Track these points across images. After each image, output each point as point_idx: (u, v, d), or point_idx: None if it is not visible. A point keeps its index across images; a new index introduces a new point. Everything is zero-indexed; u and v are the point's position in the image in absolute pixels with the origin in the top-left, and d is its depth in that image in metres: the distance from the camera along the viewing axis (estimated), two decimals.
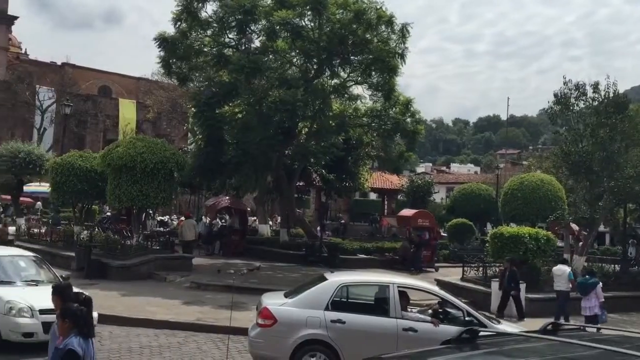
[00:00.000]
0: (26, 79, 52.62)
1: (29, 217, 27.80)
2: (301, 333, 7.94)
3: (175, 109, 47.43)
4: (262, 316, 8.16)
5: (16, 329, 9.10)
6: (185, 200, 42.31)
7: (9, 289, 9.75)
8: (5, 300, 9.24)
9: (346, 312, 8.16)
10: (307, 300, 8.25)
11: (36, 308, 9.20)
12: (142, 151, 18.18)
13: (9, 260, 10.81)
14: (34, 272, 10.76)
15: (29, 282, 10.33)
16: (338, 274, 9.80)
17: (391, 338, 7.81)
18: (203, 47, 22.91)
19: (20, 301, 9.27)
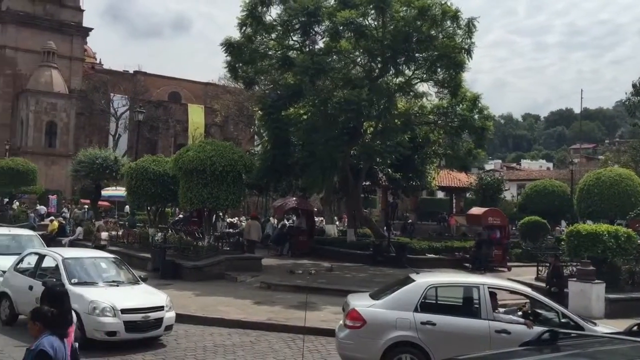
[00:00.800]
0: (101, 88, 55.07)
1: (106, 220, 28.98)
2: (391, 335, 7.93)
3: (241, 112, 48.38)
4: (351, 318, 8.17)
5: (100, 328, 9.42)
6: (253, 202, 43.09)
7: (92, 289, 10.10)
8: (89, 300, 9.57)
9: (436, 313, 8.10)
10: (395, 302, 8.22)
11: (118, 308, 9.53)
12: (211, 154, 18.60)
13: (91, 262, 11.23)
14: (114, 273, 11.14)
15: (110, 282, 10.68)
16: (424, 275, 9.78)
17: (484, 340, 7.66)
18: (268, 50, 23.22)
19: (103, 301, 9.58)
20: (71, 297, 8.80)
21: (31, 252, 12.31)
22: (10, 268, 11.76)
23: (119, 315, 9.49)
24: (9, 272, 11.70)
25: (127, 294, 10.24)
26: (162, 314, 10.02)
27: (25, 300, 10.64)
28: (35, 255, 11.70)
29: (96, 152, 29.39)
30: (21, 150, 48.94)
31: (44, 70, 52.11)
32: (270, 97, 22.84)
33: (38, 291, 9.79)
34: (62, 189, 47.78)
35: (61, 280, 9.90)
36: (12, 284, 11.32)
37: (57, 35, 54.98)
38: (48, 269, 11.08)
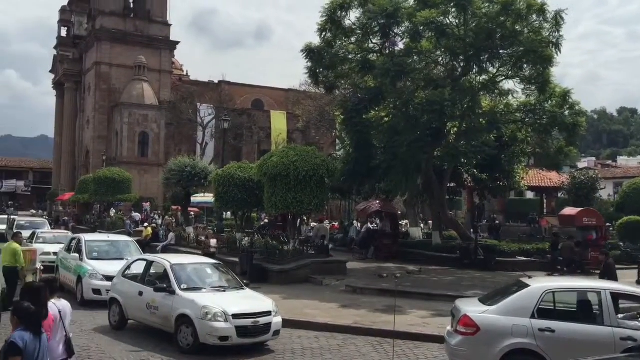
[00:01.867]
0: (188, 99, 57.23)
1: (196, 226, 30.02)
2: (507, 342, 7.68)
3: (323, 117, 48.75)
4: (464, 324, 7.99)
5: (213, 333, 9.54)
6: (336, 206, 43.29)
7: (201, 294, 10.23)
8: (201, 306, 9.68)
9: (554, 320, 7.78)
10: (510, 308, 7.95)
11: (229, 313, 9.63)
12: (294, 160, 18.85)
13: (197, 268, 11.37)
14: (219, 278, 11.28)
15: (217, 288, 10.79)
16: (539, 279, 9.49)
17: (608, 348, 7.26)
18: (348, 54, 23.27)
19: (214, 306, 9.70)
20: (182, 302, 9.95)
21: (138, 258, 12.64)
22: (118, 274, 12.11)
23: (230, 320, 9.59)
24: (117, 279, 12.03)
25: (235, 299, 10.34)
26: (270, 319, 10.05)
27: (136, 306, 11.01)
28: (143, 262, 11.96)
29: (185, 160, 30.55)
30: (117, 160, 51.73)
31: (135, 83, 54.88)
32: (351, 101, 22.87)
33: (148, 297, 10.59)
34: (154, 196, 50.06)
35: (171, 286, 10.27)
36: (121, 290, 11.59)
37: (147, 50, 57.76)
38: (156, 275, 11.36)
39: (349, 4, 21.84)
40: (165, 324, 10.34)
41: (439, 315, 12.97)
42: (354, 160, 22.76)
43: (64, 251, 16.57)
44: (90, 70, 60.28)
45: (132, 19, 59.73)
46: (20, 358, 4.83)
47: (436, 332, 11.31)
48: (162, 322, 10.43)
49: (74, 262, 15.17)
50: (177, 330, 9.92)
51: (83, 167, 60.44)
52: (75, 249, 15.75)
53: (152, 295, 10.56)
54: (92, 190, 39.10)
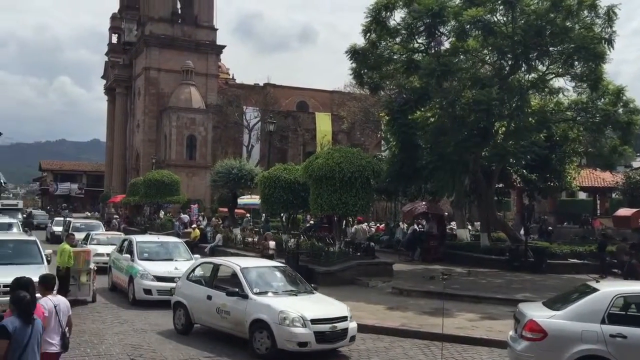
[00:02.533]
0: (234, 102, 58.04)
1: (243, 227, 30.37)
2: (577, 348, 7.50)
3: (368, 118, 48.64)
4: (530, 329, 7.82)
5: (292, 339, 9.26)
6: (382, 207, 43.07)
7: (276, 299, 9.96)
8: (279, 310, 9.42)
9: (626, 325, 7.54)
10: (578, 313, 7.74)
11: (307, 318, 9.36)
12: (339, 161, 18.84)
13: (266, 271, 11.15)
14: (289, 282, 10.98)
15: (289, 291, 10.51)
16: (608, 283, 9.26)
17: None
18: (392, 54, 23.12)
19: (292, 311, 9.42)
20: (257, 307, 9.80)
21: (204, 261, 12.43)
22: (182, 277, 11.97)
23: (309, 325, 9.32)
24: (181, 282, 11.82)
25: (310, 304, 10.05)
26: (347, 324, 9.79)
27: (204, 310, 10.81)
28: (209, 265, 11.75)
29: (232, 162, 30.96)
30: (165, 163, 52.87)
31: (183, 88, 55.98)
32: (396, 102, 22.72)
33: (218, 301, 10.42)
34: (202, 198, 50.89)
35: (243, 290, 10.04)
36: (187, 294, 11.33)
37: (194, 54, 58.85)
38: (225, 279, 11.16)
39: (393, 4, 21.68)
40: (237, 329, 10.13)
41: (487, 318, 12.77)
42: (399, 161, 22.60)
43: (116, 252, 16.90)
44: (139, 76, 61.83)
45: (179, 24, 60.96)
46: (8, 342, 5.30)
47: (484, 335, 11.15)
48: (233, 327, 10.23)
49: (125, 262, 15.43)
50: (252, 335, 9.69)
51: (133, 170, 62.03)
52: (126, 250, 16.04)
53: (223, 300, 10.33)
54: (142, 192, 40.08)
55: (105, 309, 13.81)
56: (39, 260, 12.19)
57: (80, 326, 11.78)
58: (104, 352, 9.94)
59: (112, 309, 13.92)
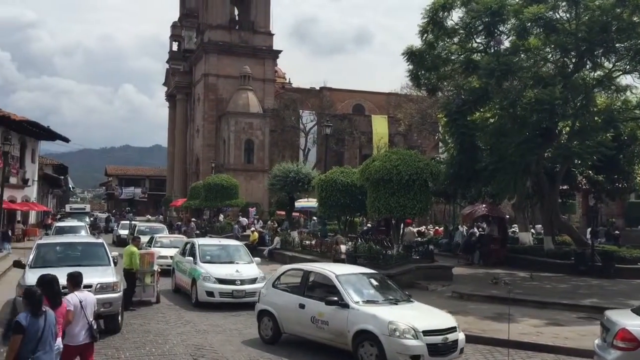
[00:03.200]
0: (291, 106, 58.48)
1: (300, 230, 30.57)
2: None
3: (425, 120, 48.05)
4: (622, 338, 7.50)
5: (404, 352, 8.67)
6: (440, 210, 42.46)
7: (379, 308, 9.42)
8: (387, 321, 8.87)
9: None
10: None
11: (419, 329, 8.78)
12: (397, 164, 18.70)
13: (360, 278, 10.55)
14: (384, 289, 10.40)
15: (389, 300, 9.92)
16: None
17: None
18: (450, 55, 22.77)
19: (401, 322, 8.85)
20: (360, 316, 9.21)
21: (292, 268, 11.90)
22: (267, 285, 11.55)
23: (420, 337, 8.71)
24: (266, 289, 11.36)
25: (416, 314, 9.49)
26: (457, 335, 9.21)
27: (295, 319, 10.36)
28: (298, 272, 11.20)
29: (289, 166, 31.20)
30: (224, 167, 53.84)
31: (241, 93, 56.91)
32: (454, 103, 22.34)
33: (313, 310, 9.90)
34: (259, 201, 51.56)
35: (342, 299, 9.51)
36: (275, 302, 10.85)
37: (251, 59, 59.76)
38: (317, 286, 10.59)
39: (451, 4, 21.37)
40: (337, 340, 9.59)
41: (552, 324, 12.38)
42: (458, 163, 22.21)
43: (179, 255, 17.18)
44: (199, 82, 63.27)
45: (237, 30, 62.05)
46: (22, 336, 5.63)
47: (550, 342, 10.81)
48: (332, 338, 9.66)
49: (188, 265, 15.69)
50: (357, 347, 9.14)
51: (194, 174, 63.48)
52: (189, 252, 16.27)
53: (319, 309, 9.79)
54: (203, 196, 40.95)
55: (168, 310, 14.17)
56: (106, 262, 12.59)
57: (145, 326, 12.14)
58: (168, 351, 10.19)
59: (175, 310, 14.27)
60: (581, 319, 12.92)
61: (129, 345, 10.46)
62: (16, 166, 34.62)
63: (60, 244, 13.89)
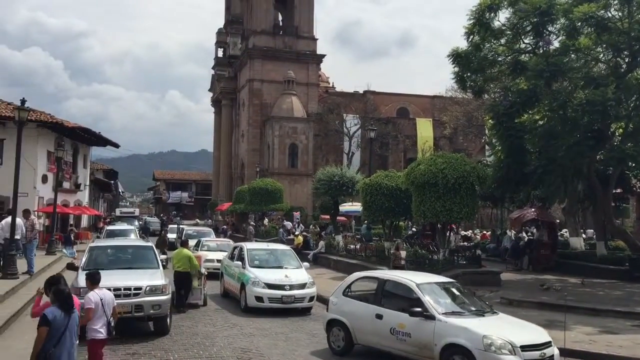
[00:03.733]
0: (335, 110, 58.65)
1: (345, 235, 30.52)
2: None
3: (470, 123, 47.44)
4: None
5: None
6: (487, 214, 41.75)
7: (468, 320, 8.85)
8: (482, 335, 8.25)
9: None
10: None
11: (516, 344, 8.17)
12: (442, 167, 18.47)
13: (442, 288, 9.91)
14: (466, 300, 9.82)
15: (475, 312, 9.29)
16: None
17: None
18: (497, 56, 22.40)
19: (496, 336, 8.24)
20: (449, 329, 8.62)
21: (365, 276, 11.27)
22: (337, 293, 10.87)
23: (519, 353, 8.14)
24: (336, 297, 10.74)
25: (508, 326, 8.93)
26: (553, 350, 8.66)
27: (371, 330, 9.78)
28: (373, 280, 10.59)
29: (333, 170, 31.19)
30: (269, 172, 54.32)
31: (285, 97, 57.36)
32: (502, 105, 21.93)
33: (392, 321, 9.33)
34: (304, 205, 51.78)
35: (427, 310, 8.92)
36: (347, 311, 10.31)
37: (295, 64, 60.20)
38: (394, 295, 9.91)
39: (497, 4, 21.03)
40: (419, 353, 9.05)
41: (606, 332, 11.99)
42: (505, 166, 21.78)
43: (228, 259, 17.11)
44: (244, 87, 64.08)
45: (281, 36, 62.67)
46: (48, 329, 6.10)
47: (603, 350, 10.46)
48: (415, 351, 9.11)
49: (237, 269, 15.56)
50: None
51: (239, 179, 64.28)
52: (237, 257, 16.15)
53: (400, 319, 9.25)
54: (247, 200, 41.38)
55: (215, 313, 14.33)
56: (155, 265, 12.84)
57: (192, 328, 12.32)
58: (215, 354, 10.30)
59: (222, 313, 14.42)
60: (636, 327, 12.47)
61: (177, 347, 10.62)
62: (69, 171, 35.73)
63: (112, 247, 14.27)
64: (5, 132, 28.62)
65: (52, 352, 6.15)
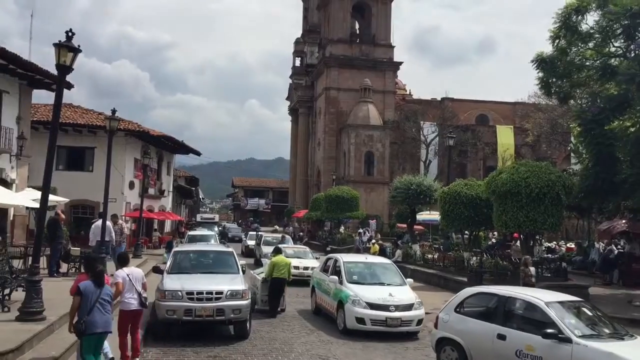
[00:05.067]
0: (412, 117, 58.09)
1: (422, 244, 30.09)
2: None
3: (555, 130, 45.59)
4: None
5: None
6: (572, 225, 39.94)
7: (611, 344, 7.91)
8: None
9: None
10: None
11: None
12: (526, 176, 17.86)
13: (571, 307, 8.96)
14: (598, 320, 8.85)
15: (612, 335, 8.38)
16: None
17: None
18: (585, 61, 21.46)
19: None
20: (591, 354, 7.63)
21: (480, 291, 10.22)
22: (447, 309, 10.01)
23: None
24: (447, 314, 9.92)
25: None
26: None
27: (491, 351, 8.85)
28: (490, 296, 9.60)
29: (411, 178, 30.87)
30: (345, 179, 54.44)
31: (361, 105, 57.37)
32: (590, 111, 20.96)
33: (515, 342, 8.47)
34: (380, 213, 51.49)
35: (561, 332, 7.99)
36: (462, 330, 9.48)
37: (371, 72, 60.18)
38: (518, 314, 9.00)
39: (585, 7, 20.15)
40: None
41: None
42: (593, 175, 20.75)
43: (320, 272, 15.67)
44: (320, 95, 64.68)
45: (357, 44, 62.88)
46: (80, 298, 7.36)
47: None
48: None
49: (332, 285, 13.95)
50: None
51: (315, 186, 64.82)
52: (332, 270, 14.54)
53: (527, 341, 8.33)
54: (324, 207, 41.65)
55: (293, 319, 14.44)
56: (235, 270, 13.11)
57: (271, 334, 12.48)
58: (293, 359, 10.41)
59: (300, 319, 14.50)
60: None
61: (256, 352, 10.79)
62: (154, 178, 37.28)
63: (195, 251, 14.70)
64: (96, 140, 30.26)
65: (86, 320, 7.27)
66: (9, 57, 18.52)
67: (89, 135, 30.55)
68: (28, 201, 17.44)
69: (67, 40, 10.60)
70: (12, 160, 21.73)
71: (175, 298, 11.25)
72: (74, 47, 10.65)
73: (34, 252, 11.14)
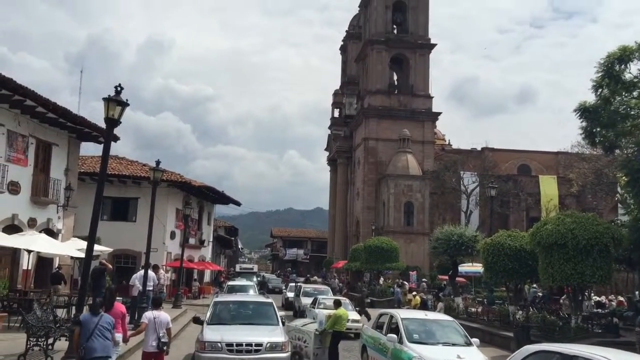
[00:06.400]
0: (451, 167, 57.64)
1: (464, 297, 29.34)
2: None
3: (600, 180, 44.51)
4: None
5: None
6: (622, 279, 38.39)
7: None
8: None
9: None
10: None
11: None
12: (572, 227, 17.37)
13: None
14: None
15: None
16: None
17: None
18: (630, 110, 21.05)
19: None
20: None
21: (542, 350, 8.63)
22: None
23: None
24: None
25: None
26: None
27: None
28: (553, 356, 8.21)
29: (452, 229, 30.38)
30: (384, 230, 53.98)
31: (400, 155, 57.38)
32: (637, 160, 20.45)
33: None
34: (420, 264, 50.64)
35: None
36: None
37: (410, 122, 60.38)
38: None
39: (628, 55, 19.96)
40: None
41: None
42: None
43: (372, 329, 14.55)
44: (359, 146, 65.03)
45: (396, 95, 63.43)
46: (79, 327, 8.05)
47: None
48: None
49: (390, 344, 12.38)
50: None
51: (354, 237, 64.39)
52: (388, 328, 13.23)
53: None
54: (363, 258, 41.22)
55: None
56: (274, 322, 12.97)
57: None
58: None
59: None
60: None
61: None
62: (195, 228, 37.68)
63: (234, 302, 14.64)
64: (140, 191, 30.89)
65: (85, 346, 7.87)
66: (59, 111, 19.30)
67: (133, 186, 31.25)
68: (73, 251, 17.81)
69: (116, 95, 10.99)
70: (59, 210, 22.32)
71: (215, 349, 11.17)
72: (122, 101, 11.03)
73: (78, 302, 11.26)
